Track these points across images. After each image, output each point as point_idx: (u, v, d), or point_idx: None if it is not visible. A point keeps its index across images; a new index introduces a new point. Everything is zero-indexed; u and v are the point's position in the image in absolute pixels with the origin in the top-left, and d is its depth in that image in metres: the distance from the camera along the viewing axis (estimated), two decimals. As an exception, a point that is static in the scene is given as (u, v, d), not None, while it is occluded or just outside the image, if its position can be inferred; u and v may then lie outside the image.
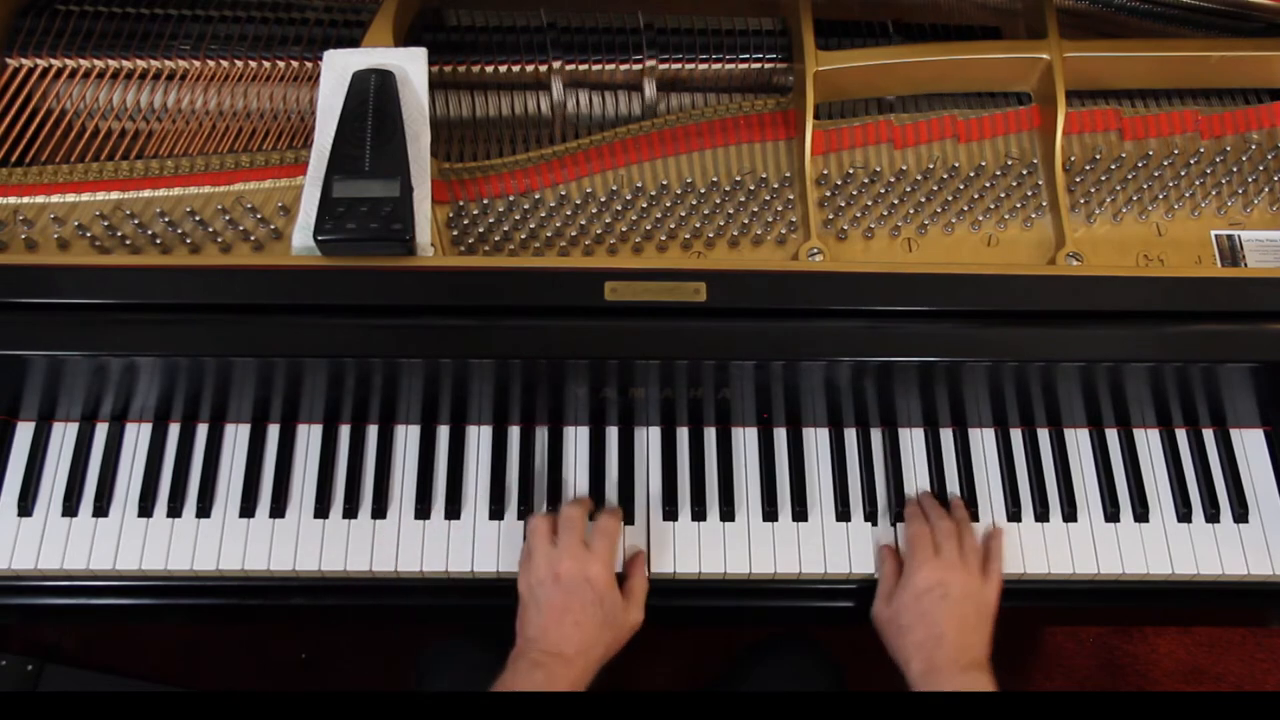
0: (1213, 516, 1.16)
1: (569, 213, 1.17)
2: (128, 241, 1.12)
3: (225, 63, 1.21)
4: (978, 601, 1.04)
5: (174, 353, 1.05)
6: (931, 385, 1.13)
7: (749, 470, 1.17)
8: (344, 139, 1.09)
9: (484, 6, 1.27)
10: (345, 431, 1.17)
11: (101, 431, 1.16)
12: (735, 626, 1.39)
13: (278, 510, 1.13)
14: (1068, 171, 1.20)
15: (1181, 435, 1.21)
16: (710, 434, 1.19)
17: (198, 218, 1.14)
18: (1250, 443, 1.21)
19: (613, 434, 1.18)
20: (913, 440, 1.19)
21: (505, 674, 0.99)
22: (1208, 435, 1.21)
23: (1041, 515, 1.16)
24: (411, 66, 1.14)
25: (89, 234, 1.12)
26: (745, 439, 1.19)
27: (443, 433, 1.18)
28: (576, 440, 1.18)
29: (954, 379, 1.11)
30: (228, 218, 1.14)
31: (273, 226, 1.14)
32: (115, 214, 1.13)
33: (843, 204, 1.18)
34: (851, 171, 1.20)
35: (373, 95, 1.11)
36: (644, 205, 1.18)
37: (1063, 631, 1.89)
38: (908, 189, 1.19)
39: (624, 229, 1.17)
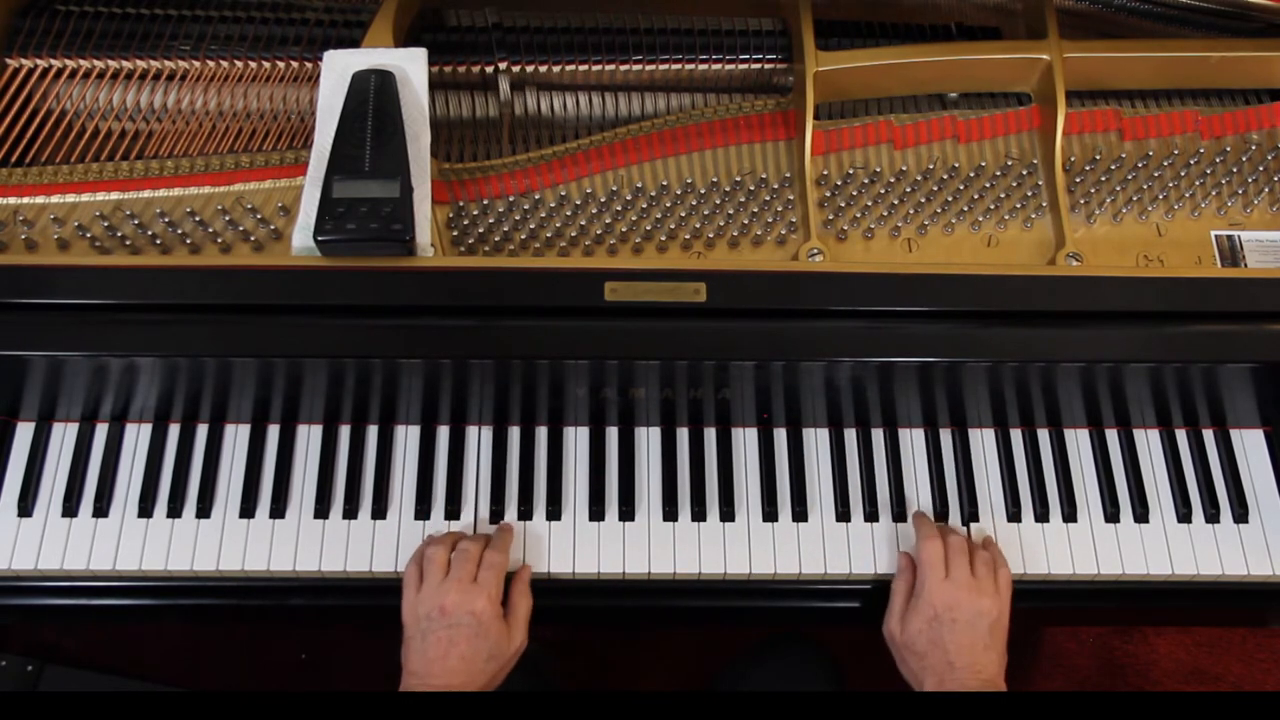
0: (1213, 517, 1.16)
1: (569, 213, 1.17)
2: (128, 241, 1.12)
3: (225, 63, 1.21)
4: (990, 620, 1.03)
5: (174, 353, 1.05)
6: (931, 385, 1.13)
7: (749, 470, 1.17)
8: (344, 139, 1.09)
9: (484, 6, 1.27)
10: (345, 432, 1.17)
11: (101, 432, 1.16)
12: (735, 627, 1.38)
13: (278, 511, 1.13)
14: (1068, 172, 1.20)
15: (1181, 435, 1.21)
16: (710, 434, 1.19)
17: (198, 218, 1.14)
18: (1250, 443, 1.21)
19: (613, 434, 1.18)
20: (913, 440, 1.19)
21: None
22: (1208, 435, 1.21)
23: (1041, 516, 1.16)
24: (411, 66, 1.14)
25: (89, 234, 1.12)
26: (745, 439, 1.19)
27: (443, 433, 1.18)
28: (576, 440, 1.18)
29: (954, 379, 1.11)
30: (228, 218, 1.14)
31: (273, 226, 1.14)
32: (115, 214, 1.13)
33: (843, 204, 1.18)
34: (851, 172, 1.20)
35: (373, 95, 1.11)
36: (644, 205, 1.18)
37: (1063, 631, 1.89)
38: (908, 189, 1.19)
39: (624, 229, 1.17)
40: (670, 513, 1.14)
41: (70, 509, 1.13)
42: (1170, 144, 1.24)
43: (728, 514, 1.14)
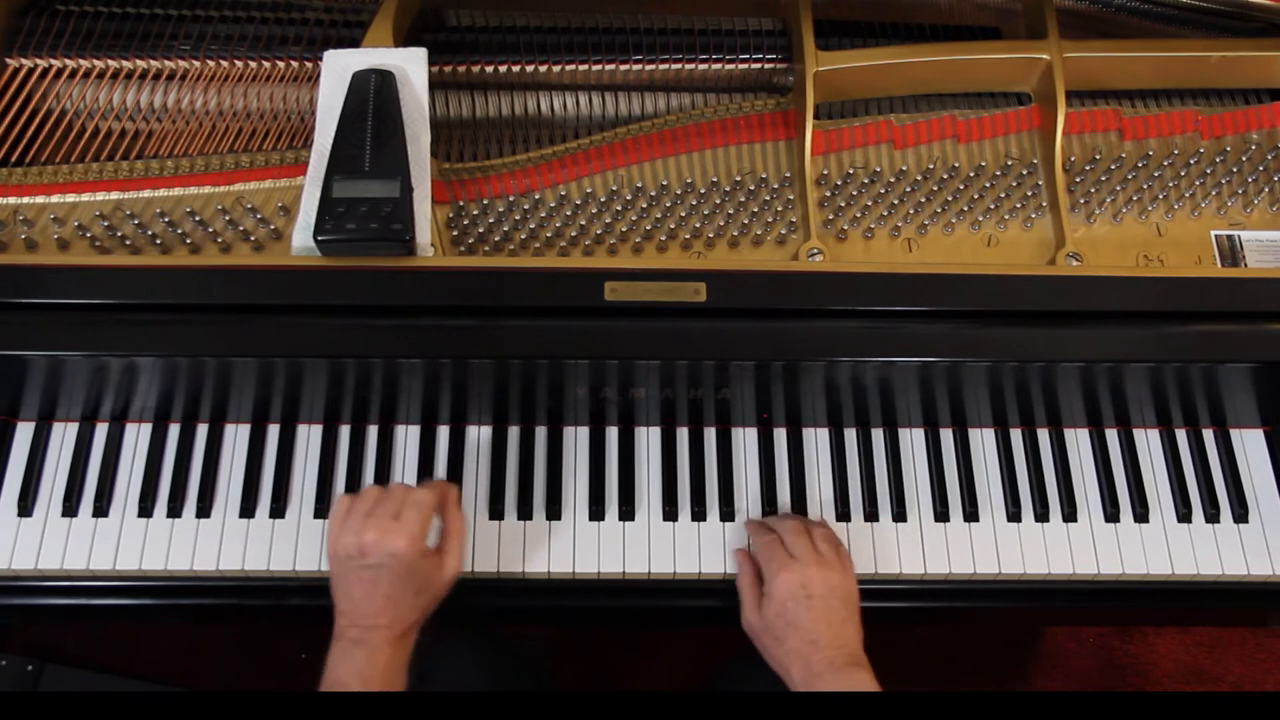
0: (1213, 517, 1.16)
1: (569, 213, 1.17)
2: (128, 241, 1.12)
3: (225, 63, 1.21)
4: (842, 593, 1.03)
5: (174, 353, 1.05)
6: (931, 385, 1.13)
7: (749, 470, 1.17)
8: (344, 139, 1.09)
9: (484, 6, 1.27)
10: (345, 432, 1.18)
11: (101, 432, 1.16)
12: (736, 627, 1.38)
13: (278, 510, 1.13)
14: (1068, 171, 1.20)
15: (1181, 435, 1.21)
16: (710, 434, 1.19)
17: (198, 218, 1.14)
18: (1250, 443, 1.21)
19: (613, 434, 1.18)
20: (913, 440, 1.19)
21: (330, 656, 0.97)
22: (1208, 435, 1.21)
23: (1041, 515, 1.16)
24: (411, 66, 1.14)
25: (89, 234, 1.12)
26: (745, 439, 1.19)
27: (443, 433, 1.18)
28: (576, 440, 1.18)
29: (954, 379, 1.11)
30: (228, 218, 1.14)
31: (273, 226, 1.14)
32: (115, 214, 1.13)
33: (843, 204, 1.18)
34: (851, 171, 1.20)
35: (373, 95, 1.11)
36: (644, 205, 1.18)
37: (1063, 631, 1.89)
38: (908, 189, 1.19)
39: (624, 229, 1.17)
40: (670, 513, 1.14)
41: (70, 509, 1.13)
42: (1170, 144, 1.24)
43: (728, 514, 1.14)
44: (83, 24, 1.22)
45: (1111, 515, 1.16)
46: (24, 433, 1.16)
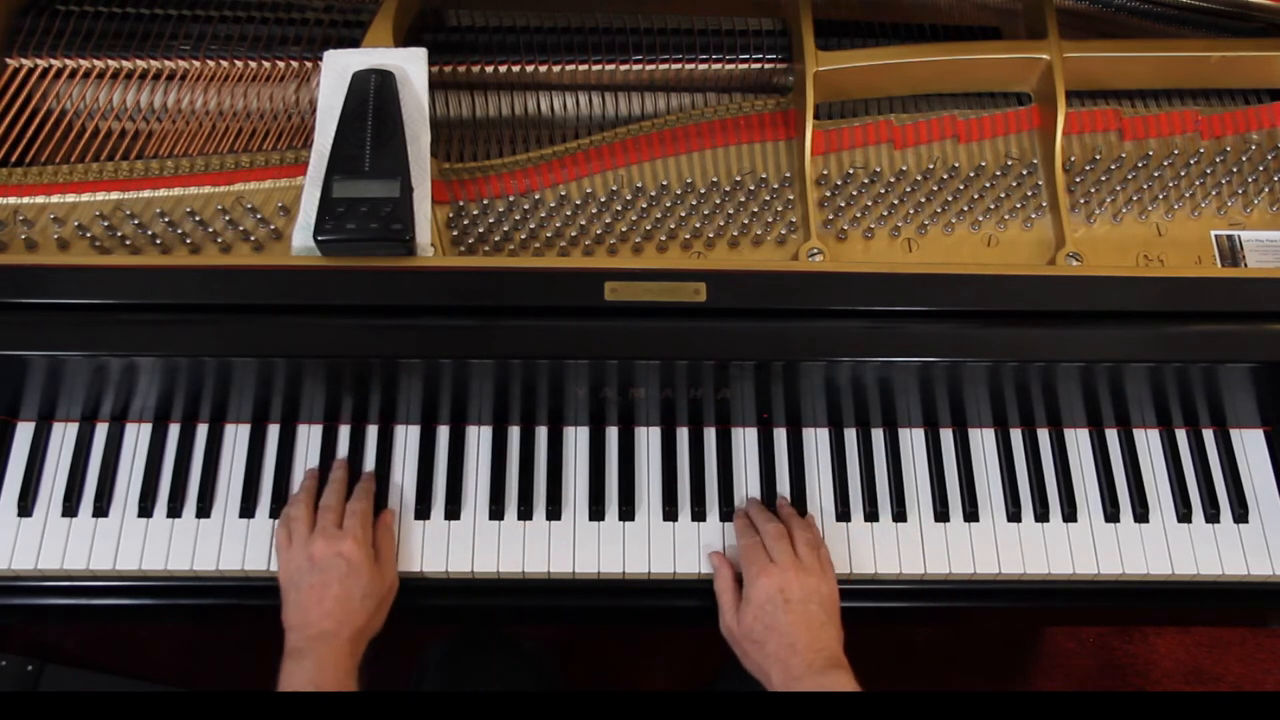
0: (1213, 517, 1.16)
1: (569, 213, 1.17)
2: (128, 241, 1.12)
3: (225, 63, 1.21)
4: (821, 597, 1.03)
5: (174, 353, 1.05)
6: (931, 385, 1.13)
7: (749, 471, 1.17)
8: (344, 139, 1.09)
9: (484, 6, 1.27)
10: (345, 432, 1.18)
11: (101, 432, 1.16)
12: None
13: (278, 510, 1.13)
14: (1068, 171, 1.20)
15: (1181, 435, 1.21)
16: (710, 434, 1.19)
17: (198, 218, 1.14)
18: (1250, 443, 1.21)
19: (613, 434, 1.18)
20: (913, 440, 1.19)
21: (280, 673, 0.99)
22: (1208, 435, 1.21)
23: (1041, 515, 1.16)
24: (411, 66, 1.14)
25: (89, 234, 1.12)
26: (745, 439, 1.19)
27: (442, 433, 1.18)
28: (576, 440, 1.18)
29: (954, 379, 1.11)
30: (228, 218, 1.14)
31: (273, 226, 1.14)
32: (115, 214, 1.13)
33: (843, 204, 1.18)
34: (851, 171, 1.20)
35: (373, 95, 1.11)
36: (644, 205, 1.18)
37: (1063, 631, 1.89)
38: (908, 189, 1.19)
39: (624, 229, 1.17)
40: (670, 513, 1.14)
41: (70, 509, 1.13)
42: (1170, 144, 1.24)
43: (728, 514, 1.14)
44: (83, 24, 1.22)
45: (1111, 515, 1.16)
46: (24, 433, 1.16)
